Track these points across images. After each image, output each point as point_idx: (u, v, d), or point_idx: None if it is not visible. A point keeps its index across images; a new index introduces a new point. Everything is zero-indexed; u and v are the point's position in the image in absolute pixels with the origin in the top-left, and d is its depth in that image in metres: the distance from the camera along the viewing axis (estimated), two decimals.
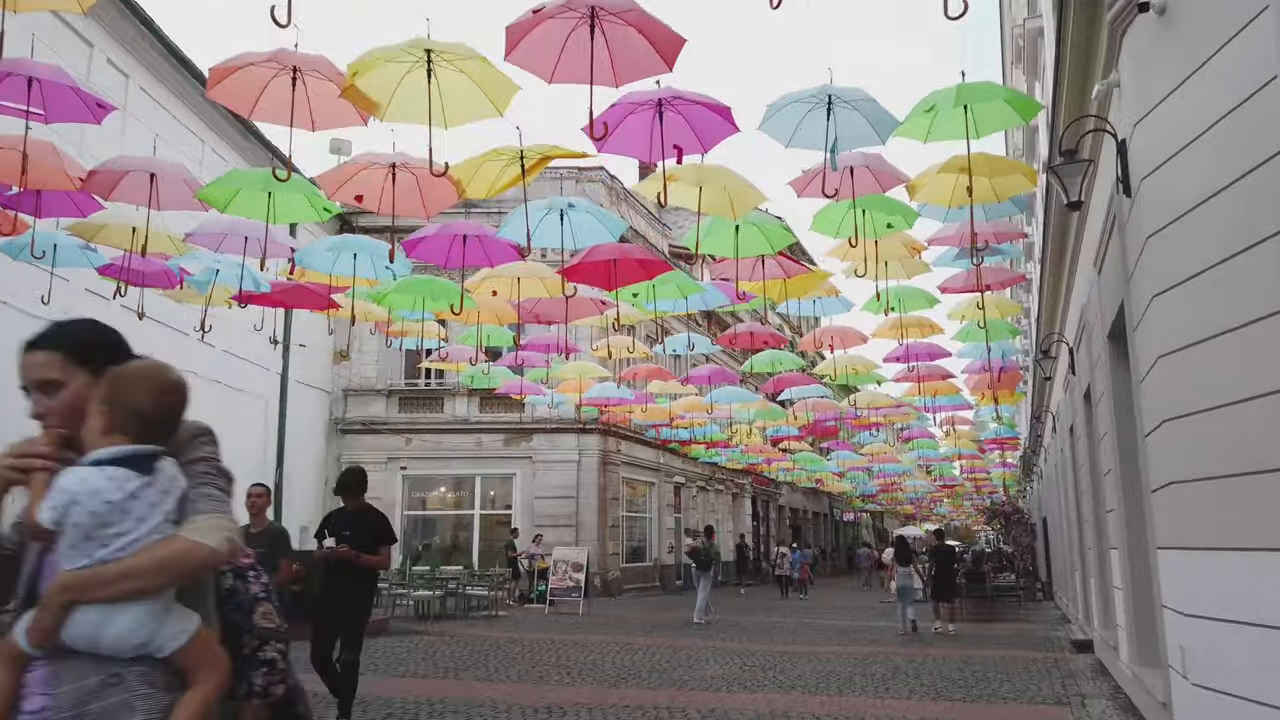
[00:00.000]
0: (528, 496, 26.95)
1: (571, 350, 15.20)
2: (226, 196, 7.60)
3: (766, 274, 10.08)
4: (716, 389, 16.93)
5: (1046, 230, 10.83)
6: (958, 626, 18.08)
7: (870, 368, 15.46)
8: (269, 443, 23.63)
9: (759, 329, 14.02)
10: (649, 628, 17.51)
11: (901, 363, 15.19)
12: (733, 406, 18.12)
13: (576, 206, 8.20)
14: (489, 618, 18.84)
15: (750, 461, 30.51)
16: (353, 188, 7.19)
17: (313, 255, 9.13)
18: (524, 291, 9.89)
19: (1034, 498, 36.18)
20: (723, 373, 16.74)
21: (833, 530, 59.94)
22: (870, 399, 17.51)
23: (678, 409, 18.44)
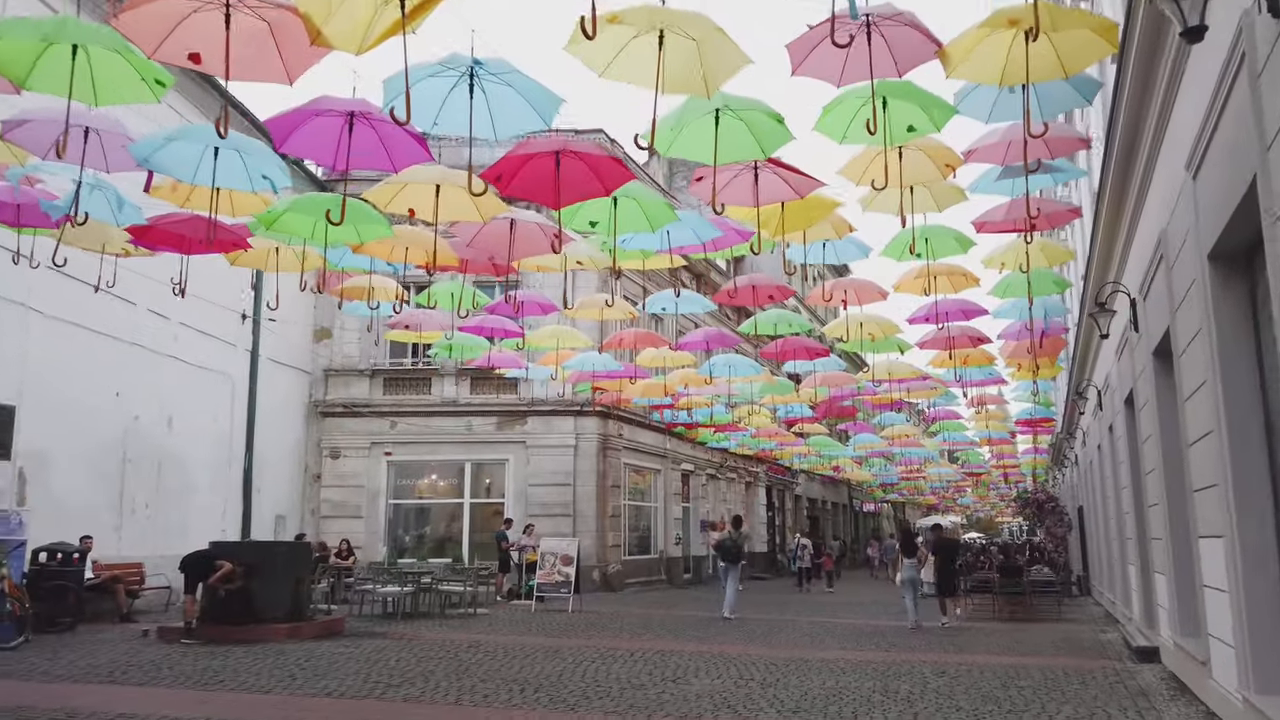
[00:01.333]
0: (521, 484, 25.03)
1: (546, 308, 13.18)
2: (21, 62, 5.61)
3: (761, 196, 8.01)
4: (716, 356, 14.87)
5: (1112, 131, 8.68)
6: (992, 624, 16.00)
7: (891, 330, 13.35)
8: (237, 426, 21.79)
9: (762, 280, 11.93)
10: (641, 628, 15.52)
11: (929, 323, 13.09)
12: (732, 380, 16.01)
13: (490, 69, 6.10)
14: (466, 616, 16.91)
15: (762, 447, 28.42)
16: (185, 41, 5.21)
17: (167, 156, 7.03)
18: (446, 210, 7.85)
19: (1065, 486, 33.87)
20: (720, 336, 14.63)
21: (852, 521, 57.72)
22: (891, 368, 15.36)
23: (673, 384, 16.37)
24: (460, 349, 15.65)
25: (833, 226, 9.91)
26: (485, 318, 14.23)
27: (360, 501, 25.08)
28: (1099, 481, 20.31)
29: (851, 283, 11.80)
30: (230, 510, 21.47)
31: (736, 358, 15.91)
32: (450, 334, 13.65)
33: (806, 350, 14.40)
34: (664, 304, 12.69)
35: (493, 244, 8.74)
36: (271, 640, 12.59)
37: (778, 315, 13.05)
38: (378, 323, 14.99)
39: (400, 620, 15.93)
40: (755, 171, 7.59)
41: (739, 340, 14.60)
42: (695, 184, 7.63)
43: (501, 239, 8.46)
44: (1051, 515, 27.34)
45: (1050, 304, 13.39)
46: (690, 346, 14.58)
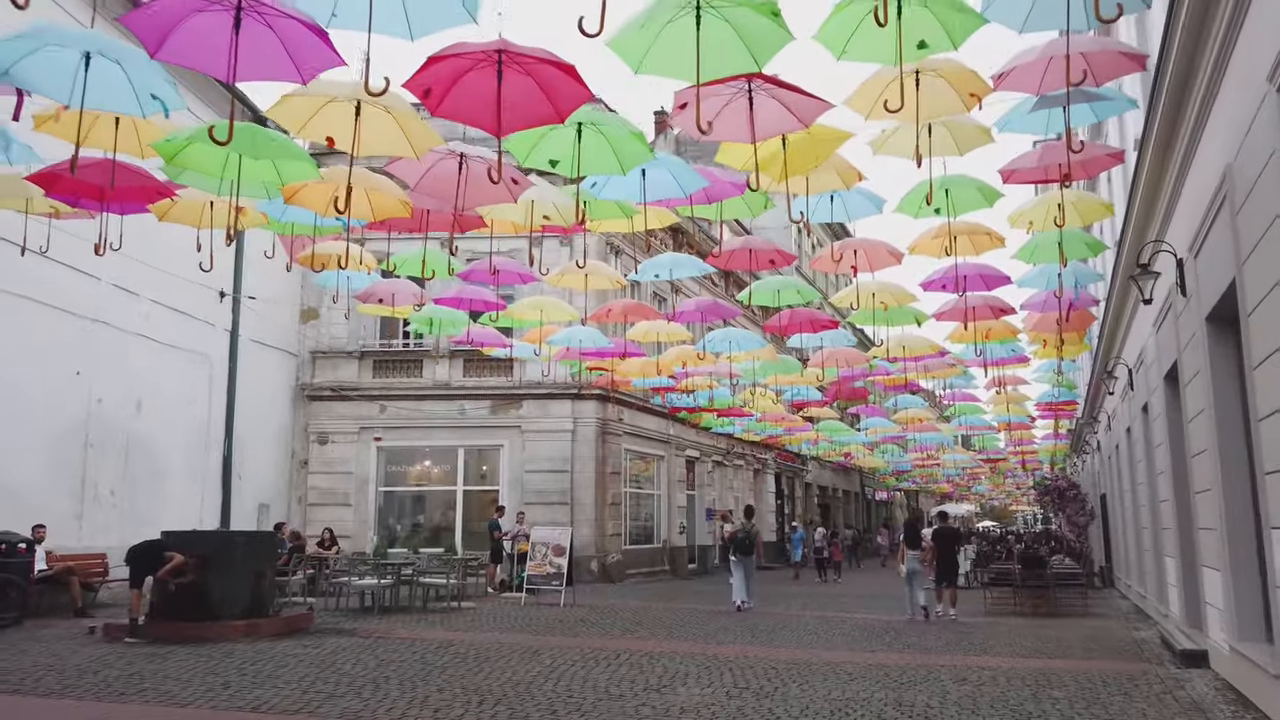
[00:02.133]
0: (517, 470, 23.92)
1: (526, 277, 12.01)
2: None
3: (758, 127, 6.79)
4: (714, 331, 13.64)
5: (1166, 45, 7.39)
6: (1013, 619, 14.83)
7: (906, 299, 12.09)
8: (216, 409, 20.73)
9: (759, 243, 10.70)
10: (634, 625, 14.39)
11: (946, 291, 11.85)
12: (733, 358, 14.77)
13: None
14: (449, 611, 15.82)
15: (769, 433, 27.20)
16: None
17: (33, 68, 5.73)
18: (373, 140, 6.61)
19: (1085, 474, 32.51)
20: (716, 306, 13.35)
21: (865, 510, 56.49)
22: (906, 343, 14.08)
23: (669, 362, 15.16)
24: (440, 324, 14.48)
25: (840, 174, 8.68)
26: (463, 287, 13.07)
27: (349, 489, 24.04)
28: (1127, 467, 19.04)
29: (862, 244, 10.56)
30: (209, 498, 20.44)
31: (736, 331, 14.68)
32: (418, 307, 12.48)
33: (813, 323, 13.14)
34: (654, 269, 11.48)
35: (442, 189, 7.55)
36: (225, 639, 11.50)
37: (780, 283, 11.82)
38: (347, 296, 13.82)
39: (377, 615, 14.85)
40: (750, 95, 6.36)
41: (737, 311, 13.35)
42: (678, 113, 6.42)
43: (450, 182, 7.27)
44: (1073, 503, 26.08)
45: (1080, 271, 12.12)
46: (684, 318, 13.31)
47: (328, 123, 6.32)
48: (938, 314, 12.55)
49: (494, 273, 11.87)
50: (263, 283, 22.05)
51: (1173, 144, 9.02)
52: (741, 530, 18.03)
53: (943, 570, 16.48)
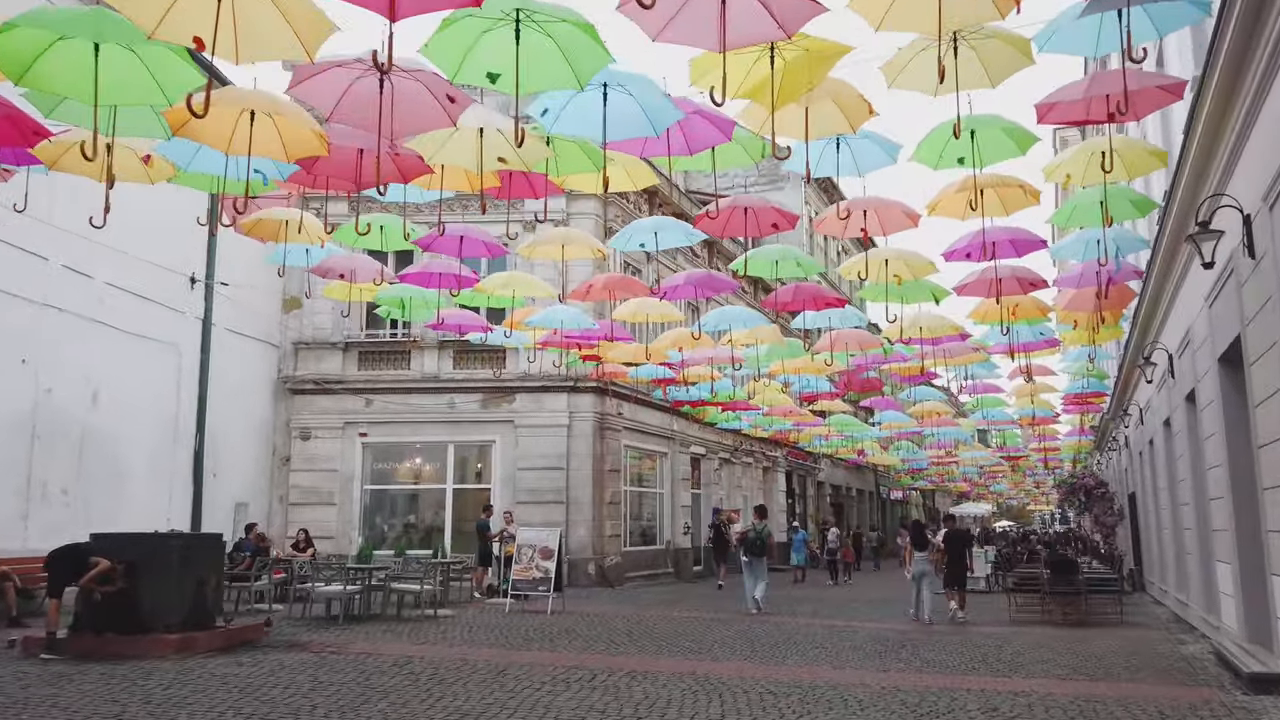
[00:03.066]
0: (509, 467, 22.60)
1: (494, 249, 10.67)
2: None
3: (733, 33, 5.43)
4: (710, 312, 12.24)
5: None
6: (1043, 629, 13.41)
7: (924, 270, 10.65)
8: (186, 402, 19.48)
9: (756, 202, 9.29)
10: (624, 637, 13.03)
11: (971, 261, 10.43)
12: (733, 341, 13.36)
13: None
14: (424, 619, 14.50)
15: (778, 428, 25.78)
16: None
17: None
18: (248, 40, 5.20)
19: (1111, 471, 30.92)
20: (710, 280, 11.88)
21: (880, 510, 54.90)
22: (924, 323, 12.60)
23: (661, 346, 13.76)
24: (410, 306, 13.15)
25: (844, 111, 7.28)
26: (429, 262, 11.73)
27: (333, 487, 22.77)
28: (1163, 463, 17.55)
29: (874, 204, 9.14)
30: (178, 497, 19.18)
31: (736, 310, 13.23)
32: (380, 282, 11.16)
33: (818, 299, 11.68)
34: (638, 236, 10.09)
35: (363, 116, 6.20)
36: (153, 656, 10.21)
37: (779, 252, 10.38)
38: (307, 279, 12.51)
39: (342, 625, 13.54)
40: None
41: (734, 285, 11.87)
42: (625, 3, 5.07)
43: (371, 105, 5.89)
44: (1101, 502, 24.57)
45: (1123, 237, 10.67)
46: (676, 294, 11.81)
47: (188, 18, 4.98)
48: (960, 287, 11.11)
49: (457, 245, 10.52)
50: (240, 269, 20.82)
51: (1243, 75, 7.58)
52: (753, 531, 17.57)
53: (953, 573, 16.11)
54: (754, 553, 16.97)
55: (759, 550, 17.00)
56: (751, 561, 16.92)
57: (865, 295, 11.38)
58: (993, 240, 9.39)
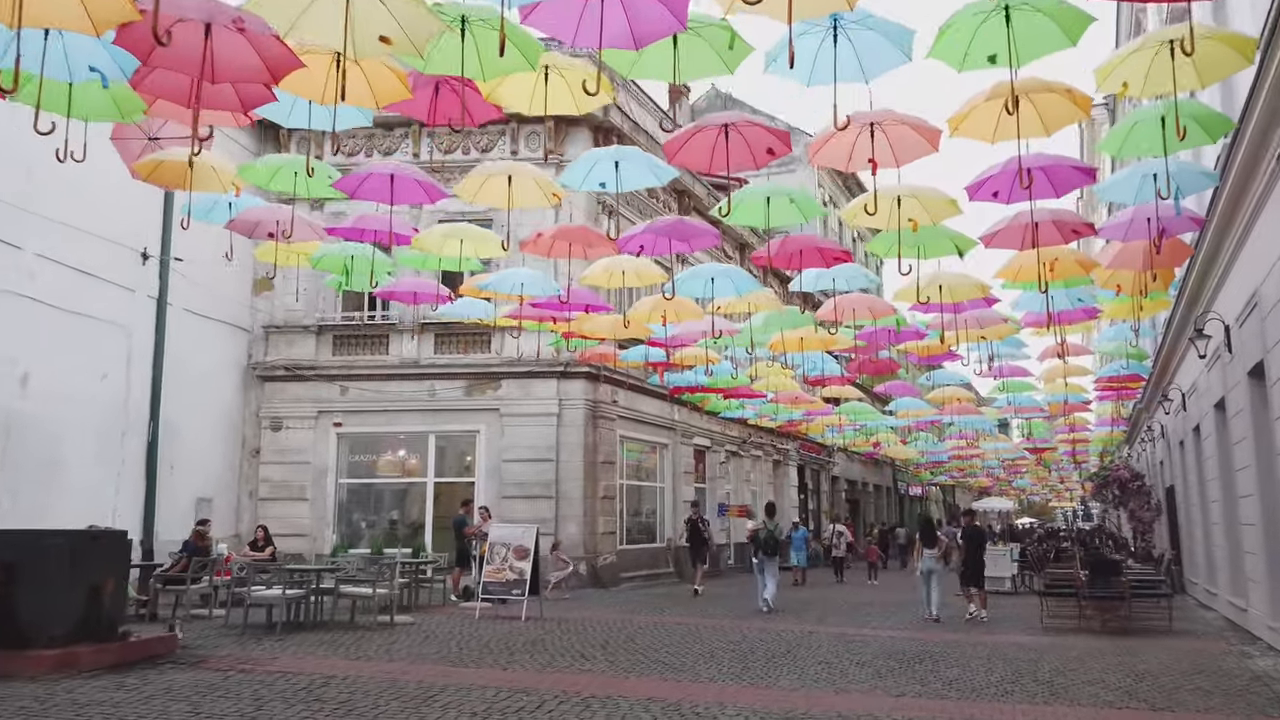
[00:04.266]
0: (494, 459, 20.93)
1: (431, 192, 8.94)
2: None
3: None
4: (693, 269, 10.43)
5: None
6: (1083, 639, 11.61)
7: (945, 211, 8.81)
8: (137, 388, 17.89)
9: (742, 121, 7.49)
10: (596, 649, 11.32)
11: (997, 201, 8.63)
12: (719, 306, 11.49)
13: None
14: (379, 627, 12.83)
15: (785, 417, 23.95)
16: None
17: None
18: None
19: (1144, 464, 28.87)
20: (682, 227, 9.86)
21: (897, 506, 52.93)
22: (946, 281, 10.70)
23: (641, 316, 11.95)
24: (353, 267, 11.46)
25: None
26: (361, 216, 10.04)
27: (305, 481, 21.17)
28: (1214, 451, 15.66)
29: (884, 120, 7.33)
30: (127, 491, 17.59)
31: (714, 267, 11.36)
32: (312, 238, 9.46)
33: (820, 252, 9.81)
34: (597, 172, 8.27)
35: None
36: (25, 674, 8.59)
37: (769, 189, 8.58)
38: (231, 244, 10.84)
39: (278, 635, 11.88)
40: None
41: (714, 234, 9.96)
42: None
43: None
44: (1137, 496, 22.65)
45: (1184, 172, 8.82)
46: (653, 249, 9.78)
47: None
48: (987, 237, 9.30)
49: (388, 185, 8.81)
50: (206, 246, 19.16)
51: None
52: (763, 529, 17.24)
53: (970, 572, 15.78)
54: (766, 551, 16.73)
55: (770, 549, 16.77)
56: (763, 560, 16.65)
57: (874, 249, 9.57)
58: (1028, 167, 7.56)
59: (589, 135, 21.00)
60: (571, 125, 21.32)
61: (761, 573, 16.70)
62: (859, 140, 7.59)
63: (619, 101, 22.46)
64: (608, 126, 21.39)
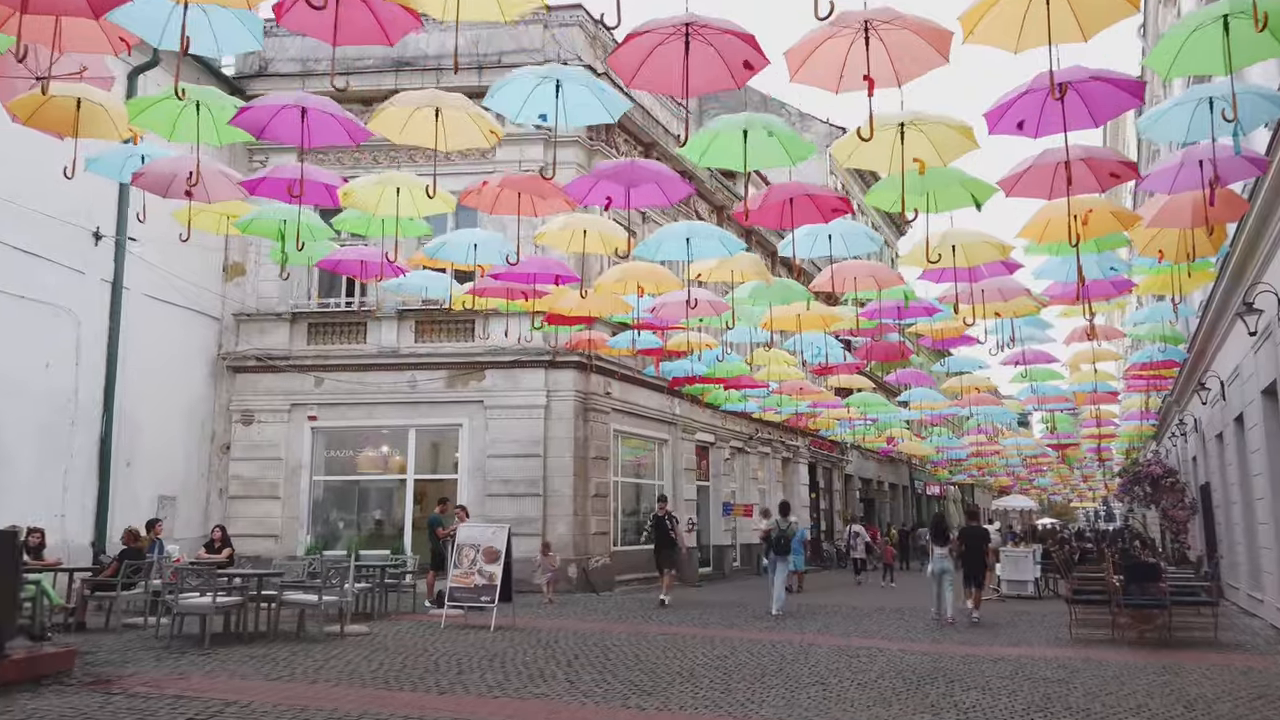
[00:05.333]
0: (478, 455, 19.57)
1: (353, 131, 7.58)
2: None
3: None
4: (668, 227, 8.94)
5: None
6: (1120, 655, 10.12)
7: (958, 146, 7.32)
8: (86, 378, 16.64)
9: (712, 28, 6.05)
10: (561, 668, 9.92)
11: (1022, 135, 7.16)
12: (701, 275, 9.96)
13: None
14: (328, 639, 11.49)
15: (789, 410, 22.46)
16: None
17: None
18: None
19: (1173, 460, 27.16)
20: (636, 170, 8.19)
21: (914, 506, 51.23)
22: (960, 239, 9.17)
23: (611, 285, 10.48)
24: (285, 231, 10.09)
25: None
26: (277, 167, 8.66)
27: (277, 478, 19.87)
28: (1263, 442, 14.11)
29: (883, 17, 5.88)
30: (77, 489, 16.34)
31: (697, 225, 9.80)
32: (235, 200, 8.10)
33: (812, 201, 8.21)
34: (537, 100, 6.84)
35: None
36: None
37: (745, 120, 7.12)
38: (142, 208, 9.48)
39: (206, 648, 10.54)
40: None
41: (682, 182, 8.37)
42: None
43: None
44: (1170, 494, 21.03)
45: (1249, 97, 7.32)
46: (596, 196, 8.22)
47: None
48: (1009, 182, 7.81)
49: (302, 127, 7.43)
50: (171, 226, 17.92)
51: None
52: (776, 528, 16.80)
53: (970, 571, 15.71)
54: (780, 551, 16.37)
55: (784, 549, 16.43)
56: (776, 559, 16.31)
57: (874, 200, 8.05)
58: (1060, 80, 6.10)
59: None
60: None
61: (773, 573, 16.37)
62: (852, 50, 6.15)
63: None
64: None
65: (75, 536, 16.09)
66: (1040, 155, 7.65)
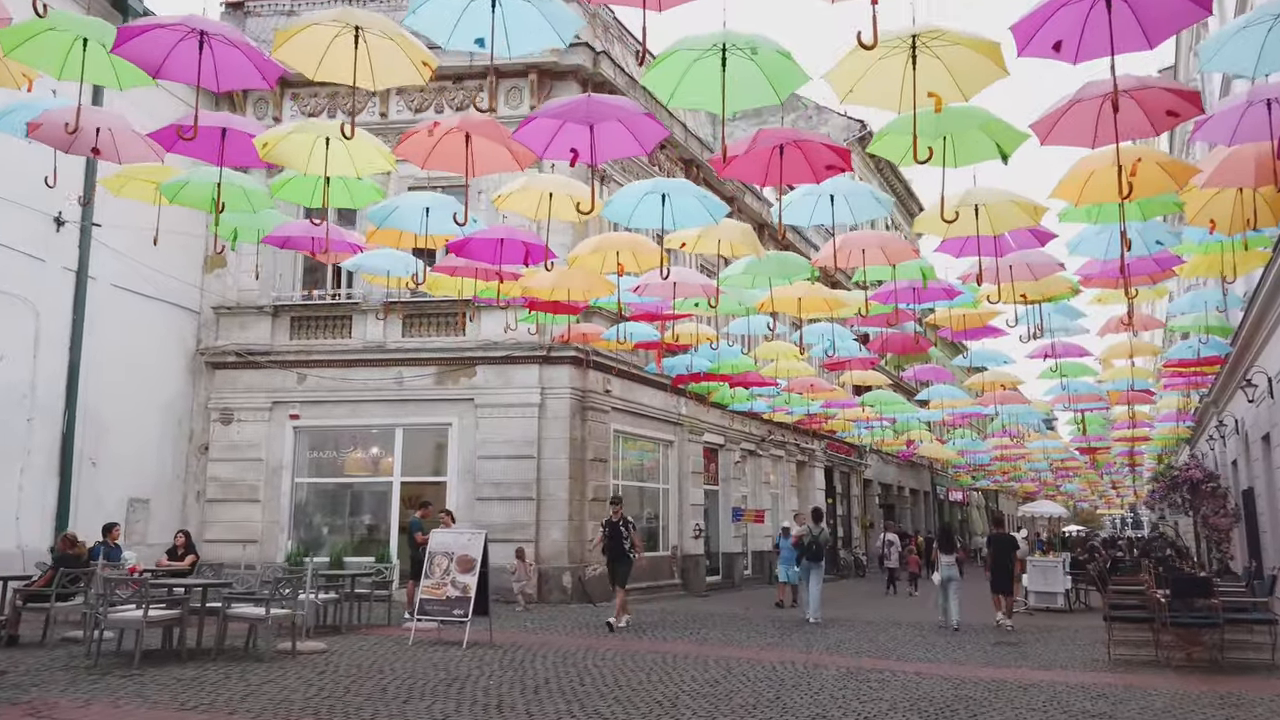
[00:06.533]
0: (468, 456, 18.42)
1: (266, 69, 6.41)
2: None
3: None
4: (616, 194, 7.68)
5: None
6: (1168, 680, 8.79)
7: (982, 71, 6.02)
8: (46, 372, 15.65)
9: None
10: (526, 694, 8.72)
11: (1059, 58, 5.91)
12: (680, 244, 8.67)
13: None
14: (279, 656, 10.34)
15: (804, 410, 21.15)
16: None
17: None
18: None
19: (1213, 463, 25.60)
20: (592, 103, 6.77)
21: (935, 512, 49.63)
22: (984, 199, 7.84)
23: (587, 257, 9.24)
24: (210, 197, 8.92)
25: None
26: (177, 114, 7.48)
27: (257, 480, 18.81)
28: None
29: None
30: (36, 490, 15.36)
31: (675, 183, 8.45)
32: None
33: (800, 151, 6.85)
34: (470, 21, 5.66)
35: None
36: None
37: (722, 35, 5.80)
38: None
39: (134, 668, 9.40)
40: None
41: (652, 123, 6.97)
42: None
43: None
44: (1211, 499, 19.55)
45: None
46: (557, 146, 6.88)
47: None
48: (1043, 127, 6.53)
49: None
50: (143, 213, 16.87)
51: None
52: (809, 534, 16.48)
53: (997, 579, 15.58)
54: (812, 557, 16.27)
55: (816, 555, 16.29)
56: (809, 565, 16.24)
57: (879, 148, 6.77)
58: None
59: (577, 89, 18.39)
60: (557, 79, 18.84)
61: (806, 578, 16.27)
62: None
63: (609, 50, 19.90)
64: (599, 80, 18.84)
65: (33, 540, 15.06)
66: (1082, 89, 6.36)
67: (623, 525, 14.58)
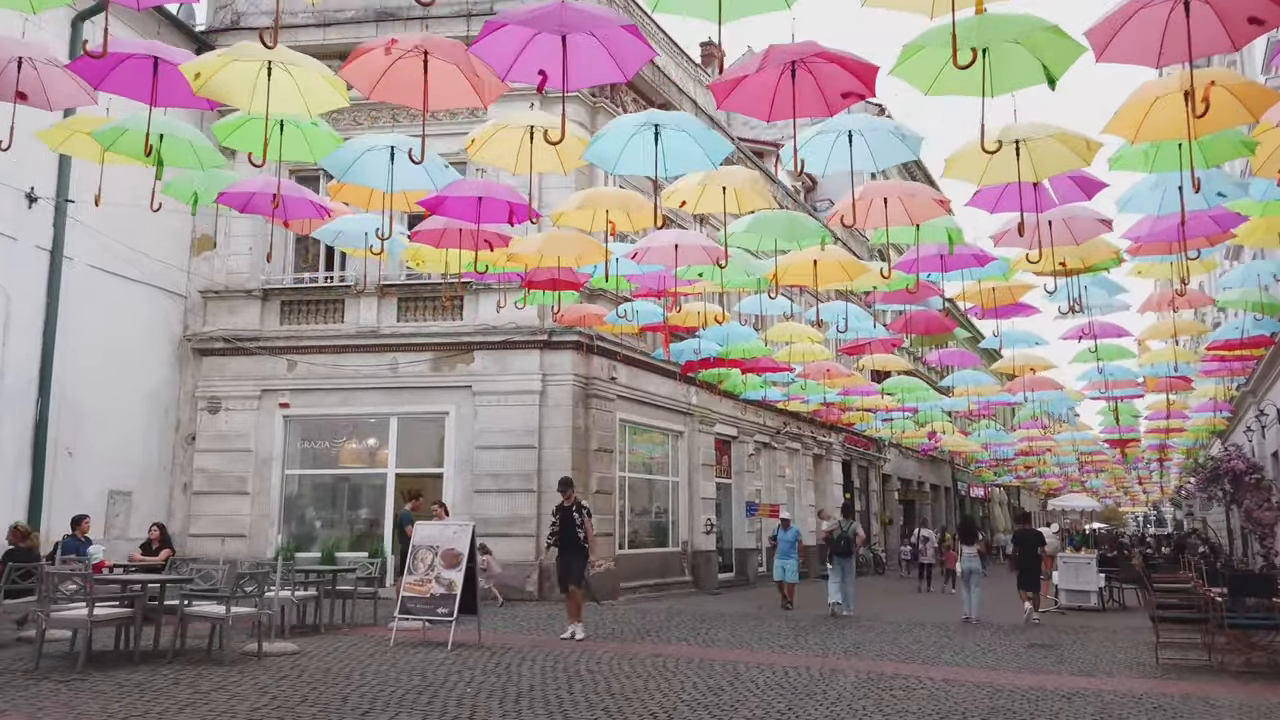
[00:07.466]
0: (466, 446, 17.51)
1: None
2: None
3: None
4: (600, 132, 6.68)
5: None
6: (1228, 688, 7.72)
7: None
8: (16, 358, 14.82)
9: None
10: (514, 704, 7.78)
11: None
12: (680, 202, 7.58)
13: None
14: (243, 659, 9.43)
15: (820, 397, 20.08)
16: None
17: None
18: None
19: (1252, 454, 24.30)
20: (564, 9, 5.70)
21: (957, 508, 48.35)
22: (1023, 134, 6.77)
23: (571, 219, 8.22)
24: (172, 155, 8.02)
25: None
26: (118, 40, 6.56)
27: (246, 472, 17.94)
28: None
29: None
30: (4, 479, 14.52)
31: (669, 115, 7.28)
32: None
33: (809, 70, 5.76)
34: None
35: None
36: None
37: None
38: None
39: (76, 671, 8.51)
40: None
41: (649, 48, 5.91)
42: None
43: None
44: (1255, 492, 18.37)
45: None
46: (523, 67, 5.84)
47: None
48: (1099, 36, 5.50)
49: None
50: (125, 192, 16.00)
51: None
52: (839, 530, 16.76)
53: (1024, 575, 15.61)
54: (841, 552, 16.41)
55: (845, 550, 16.45)
56: (840, 562, 16.33)
57: (904, 72, 5.69)
58: None
59: None
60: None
61: (838, 576, 16.27)
62: None
63: None
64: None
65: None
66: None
67: (575, 511, 12.16)
